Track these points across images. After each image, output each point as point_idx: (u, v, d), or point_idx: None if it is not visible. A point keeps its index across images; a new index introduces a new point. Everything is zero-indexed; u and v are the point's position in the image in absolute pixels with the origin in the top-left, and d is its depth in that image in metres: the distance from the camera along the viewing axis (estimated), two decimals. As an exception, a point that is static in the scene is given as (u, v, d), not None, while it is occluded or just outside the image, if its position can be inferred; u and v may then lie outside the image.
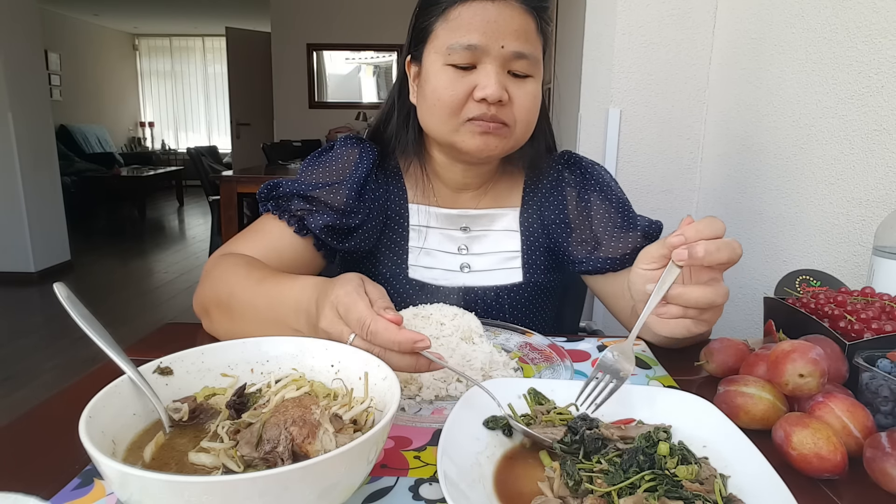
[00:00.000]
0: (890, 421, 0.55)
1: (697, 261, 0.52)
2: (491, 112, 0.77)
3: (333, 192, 0.84)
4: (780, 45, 1.22)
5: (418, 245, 0.90)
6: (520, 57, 0.77)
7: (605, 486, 0.41)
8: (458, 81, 0.77)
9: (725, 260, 0.52)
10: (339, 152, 0.89)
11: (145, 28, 9.55)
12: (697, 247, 0.52)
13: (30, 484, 0.46)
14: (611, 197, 0.89)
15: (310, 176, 0.86)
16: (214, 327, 0.76)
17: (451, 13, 0.77)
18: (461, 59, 0.77)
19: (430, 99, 0.80)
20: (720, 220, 0.54)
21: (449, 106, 0.78)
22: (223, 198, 3.46)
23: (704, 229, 0.53)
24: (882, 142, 0.96)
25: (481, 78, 0.77)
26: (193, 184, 7.91)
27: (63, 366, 2.81)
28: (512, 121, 0.80)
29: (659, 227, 0.87)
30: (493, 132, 0.79)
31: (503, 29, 0.76)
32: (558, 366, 0.67)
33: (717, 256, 0.52)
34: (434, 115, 0.81)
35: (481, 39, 0.76)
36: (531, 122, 0.83)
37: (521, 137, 0.83)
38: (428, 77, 0.80)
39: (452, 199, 0.93)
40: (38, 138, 4.10)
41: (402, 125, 0.90)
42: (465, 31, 0.76)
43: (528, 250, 0.91)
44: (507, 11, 0.76)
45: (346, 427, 0.43)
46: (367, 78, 6.74)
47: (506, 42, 0.76)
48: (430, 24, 0.80)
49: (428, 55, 0.81)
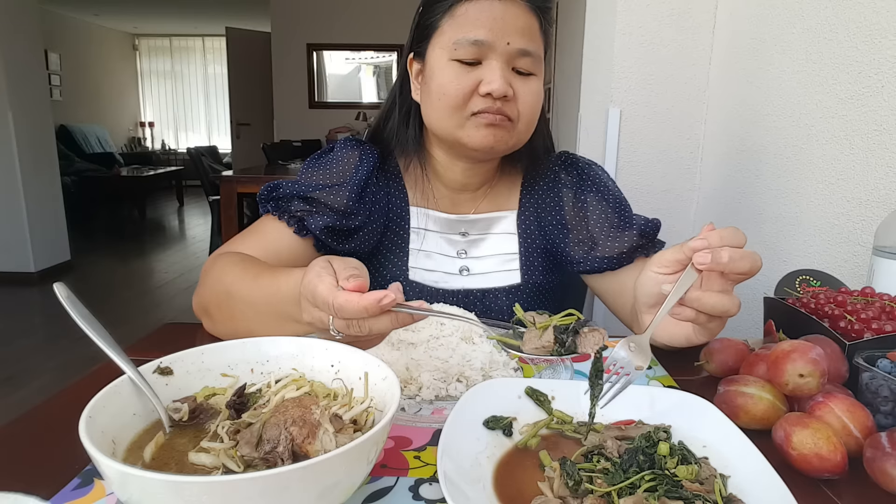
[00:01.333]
0: (890, 421, 0.55)
1: (720, 266, 0.51)
2: (496, 106, 0.78)
3: (334, 194, 0.84)
4: (780, 45, 1.22)
5: (418, 247, 0.90)
6: (524, 54, 0.78)
7: (605, 486, 0.42)
8: (463, 76, 0.78)
9: (747, 269, 0.52)
10: (340, 154, 0.90)
11: (145, 28, 9.55)
12: (722, 252, 0.51)
13: (30, 484, 0.46)
14: (607, 196, 0.90)
15: (310, 177, 0.86)
16: (216, 327, 0.76)
17: (458, 9, 0.78)
18: (467, 54, 0.77)
19: (435, 94, 0.80)
20: (742, 231, 0.54)
21: (454, 99, 0.78)
22: (223, 198, 3.46)
23: (728, 237, 0.52)
24: (882, 142, 0.96)
25: (486, 73, 0.77)
26: (193, 184, 7.90)
27: (63, 366, 2.81)
28: (516, 116, 0.80)
29: (656, 225, 0.87)
30: (498, 124, 0.79)
31: (509, 26, 0.77)
32: (558, 366, 0.67)
33: (740, 265, 0.51)
34: (439, 110, 0.81)
35: (488, 35, 0.76)
36: (533, 119, 0.83)
37: (523, 133, 0.83)
38: (433, 72, 0.81)
39: (451, 200, 0.93)
40: (38, 138, 4.10)
41: (402, 123, 0.90)
42: (472, 27, 0.77)
43: (525, 252, 0.91)
44: (513, 10, 0.77)
45: (346, 427, 0.43)
46: (367, 78, 6.74)
47: (511, 39, 0.77)
48: (436, 21, 0.80)
49: (433, 51, 0.81)
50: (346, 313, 0.49)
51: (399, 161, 0.94)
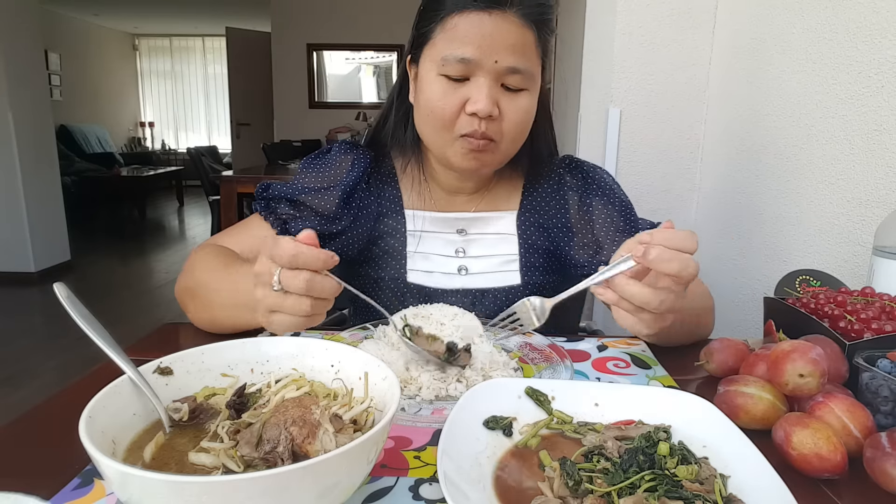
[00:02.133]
0: (890, 421, 0.55)
1: (646, 261, 0.54)
2: (482, 128, 0.77)
3: (321, 197, 0.87)
4: (780, 45, 1.22)
5: (414, 249, 0.90)
6: (513, 72, 0.76)
7: (605, 486, 0.42)
8: (450, 94, 0.77)
9: (674, 272, 0.54)
10: (334, 158, 0.92)
11: (145, 28, 9.54)
12: (652, 249, 0.54)
13: (30, 484, 0.46)
14: (613, 200, 0.90)
15: (303, 179, 0.90)
16: (192, 316, 0.80)
17: (449, 22, 0.77)
18: (454, 71, 0.76)
19: (423, 108, 0.81)
20: (696, 237, 0.56)
21: (441, 119, 0.78)
22: (223, 198, 3.46)
23: (672, 238, 0.54)
24: (882, 142, 0.96)
25: (473, 91, 0.76)
26: (193, 184, 7.90)
27: (63, 366, 2.81)
28: (499, 136, 0.79)
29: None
30: (482, 150, 0.79)
31: (498, 43, 0.75)
32: (558, 366, 0.67)
33: (666, 266, 0.54)
34: (427, 126, 0.82)
35: (475, 53, 0.75)
36: (518, 137, 0.82)
37: (507, 152, 0.83)
38: (423, 85, 0.81)
39: (448, 200, 0.93)
40: (38, 138, 4.10)
41: (399, 123, 0.91)
42: (460, 44, 0.75)
43: (525, 253, 0.91)
44: (504, 25, 0.75)
45: (346, 427, 0.43)
46: (367, 78, 6.74)
47: (500, 57, 0.75)
48: (430, 30, 0.80)
49: (424, 62, 0.81)
50: (301, 259, 0.53)
51: (396, 162, 0.94)
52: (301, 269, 0.54)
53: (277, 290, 0.54)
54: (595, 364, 0.72)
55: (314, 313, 0.56)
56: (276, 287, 0.54)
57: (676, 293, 0.56)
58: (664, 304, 0.56)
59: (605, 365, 0.72)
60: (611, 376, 0.68)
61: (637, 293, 0.56)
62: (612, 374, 0.69)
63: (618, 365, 0.72)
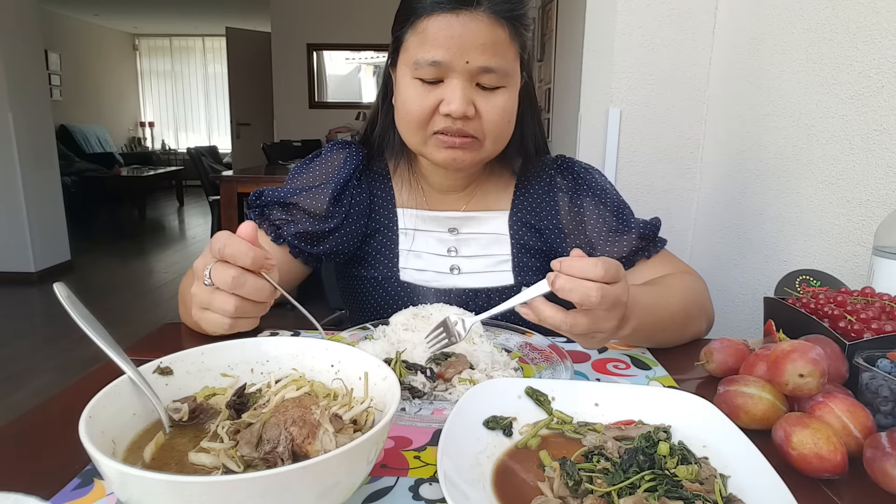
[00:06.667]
0: (890, 421, 0.55)
1: (554, 289, 0.57)
2: (457, 126, 0.77)
3: (311, 196, 0.87)
4: (780, 45, 1.22)
5: (408, 248, 0.90)
6: (487, 71, 0.76)
7: (605, 486, 0.42)
8: (424, 96, 0.78)
9: (576, 300, 0.56)
10: (326, 157, 0.92)
11: (145, 28, 9.55)
12: (559, 278, 0.56)
13: (30, 484, 0.46)
14: (605, 200, 0.89)
15: (296, 180, 0.90)
16: (184, 321, 0.82)
17: (419, 25, 0.77)
18: (427, 74, 0.77)
19: (400, 112, 0.82)
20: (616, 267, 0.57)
21: (416, 120, 0.79)
22: (223, 198, 3.46)
23: (574, 266, 0.56)
24: (882, 142, 0.96)
25: (447, 93, 0.76)
26: (193, 184, 7.91)
27: (63, 366, 2.81)
28: (481, 134, 0.80)
29: (655, 226, 0.87)
30: (459, 146, 0.79)
31: (468, 44, 0.74)
32: (558, 366, 0.66)
33: (568, 295, 0.56)
34: (404, 127, 0.82)
35: (445, 56, 0.75)
36: (501, 134, 0.82)
37: (492, 149, 0.83)
38: (399, 89, 0.82)
39: (440, 200, 0.93)
40: (38, 138, 4.10)
41: (387, 126, 0.91)
42: (430, 47, 0.75)
43: (518, 254, 0.91)
44: (473, 25, 0.74)
45: (346, 427, 0.43)
46: (367, 78, 6.75)
47: (471, 57, 0.75)
48: (403, 35, 0.80)
49: (400, 66, 0.81)
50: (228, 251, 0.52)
51: (388, 162, 0.95)
52: (231, 264, 0.53)
53: (208, 284, 0.54)
54: (595, 365, 0.72)
55: (240, 315, 0.56)
56: (207, 281, 0.54)
57: (593, 317, 0.58)
58: (577, 328, 0.58)
59: (605, 366, 0.72)
60: (611, 377, 0.68)
61: (549, 317, 0.58)
62: (612, 376, 0.69)
63: (617, 366, 0.72)
